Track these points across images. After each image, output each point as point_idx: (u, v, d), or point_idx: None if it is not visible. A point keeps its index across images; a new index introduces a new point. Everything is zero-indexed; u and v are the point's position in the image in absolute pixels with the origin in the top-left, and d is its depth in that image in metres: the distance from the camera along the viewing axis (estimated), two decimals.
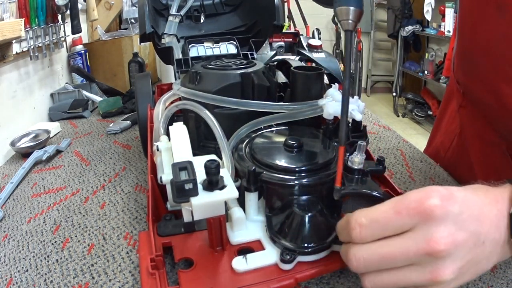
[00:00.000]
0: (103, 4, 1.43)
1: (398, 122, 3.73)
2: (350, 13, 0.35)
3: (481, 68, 0.53)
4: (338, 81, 0.74)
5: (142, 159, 0.74)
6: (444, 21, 3.06)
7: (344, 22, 0.36)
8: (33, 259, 0.48)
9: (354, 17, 0.36)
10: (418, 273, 0.31)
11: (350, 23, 0.36)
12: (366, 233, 0.32)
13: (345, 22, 0.36)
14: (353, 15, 0.36)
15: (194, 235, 0.43)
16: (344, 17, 0.36)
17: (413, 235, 0.31)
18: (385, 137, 0.83)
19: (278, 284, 0.36)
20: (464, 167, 0.64)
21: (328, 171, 0.42)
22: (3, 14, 0.84)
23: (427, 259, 0.30)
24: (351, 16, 0.36)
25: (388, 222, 0.32)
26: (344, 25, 0.36)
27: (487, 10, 0.48)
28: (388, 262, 0.32)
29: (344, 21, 0.36)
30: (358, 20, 0.36)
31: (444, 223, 0.30)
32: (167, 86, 0.74)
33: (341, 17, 0.36)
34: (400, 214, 0.31)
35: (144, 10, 0.65)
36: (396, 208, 0.31)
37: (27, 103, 0.97)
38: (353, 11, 0.35)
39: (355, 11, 0.35)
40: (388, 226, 0.32)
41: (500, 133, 0.55)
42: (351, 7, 0.35)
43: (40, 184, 0.68)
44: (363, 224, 0.32)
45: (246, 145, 0.48)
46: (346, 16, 0.36)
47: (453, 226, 0.30)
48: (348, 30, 0.36)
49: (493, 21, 0.47)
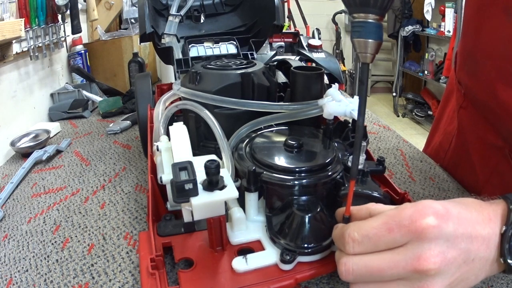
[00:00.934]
0: (103, 4, 1.43)
1: (398, 122, 3.73)
2: (369, 46, 0.32)
3: (484, 69, 0.53)
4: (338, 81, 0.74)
5: (142, 159, 0.74)
6: (444, 21, 3.05)
7: (362, 55, 0.33)
8: (33, 259, 0.48)
9: (373, 50, 0.33)
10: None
11: (369, 56, 0.33)
12: (358, 248, 0.33)
13: (363, 55, 0.33)
14: (371, 48, 0.33)
15: (194, 235, 0.43)
16: (362, 50, 0.33)
17: (404, 251, 0.31)
18: (385, 137, 0.83)
19: (278, 284, 0.36)
20: (465, 169, 0.64)
21: (328, 172, 0.42)
22: (3, 14, 0.84)
23: (416, 275, 0.30)
24: (370, 50, 0.33)
25: (380, 238, 0.32)
26: (361, 58, 0.33)
27: (493, 12, 0.48)
28: (377, 275, 0.32)
29: (362, 54, 0.33)
30: (376, 52, 0.33)
31: (435, 242, 0.30)
32: (167, 86, 0.74)
33: (359, 49, 0.33)
34: (392, 232, 0.31)
35: (144, 10, 0.65)
36: (389, 225, 0.31)
37: (27, 103, 0.97)
38: (372, 43, 0.32)
39: (374, 43, 0.32)
40: (379, 243, 0.32)
41: (502, 136, 0.55)
42: (369, 40, 0.32)
43: (40, 184, 0.68)
44: (356, 239, 0.33)
45: (246, 145, 0.48)
46: (364, 49, 0.33)
47: (445, 244, 0.30)
48: (365, 63, 0.34)
49: (499, 23, 0.47)
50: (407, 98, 3.82)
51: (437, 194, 0.60)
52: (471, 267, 0.32)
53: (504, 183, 0.56)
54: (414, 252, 0.30)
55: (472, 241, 0.31)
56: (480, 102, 0.58)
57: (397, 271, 0.31)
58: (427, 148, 0.79)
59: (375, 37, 0.32)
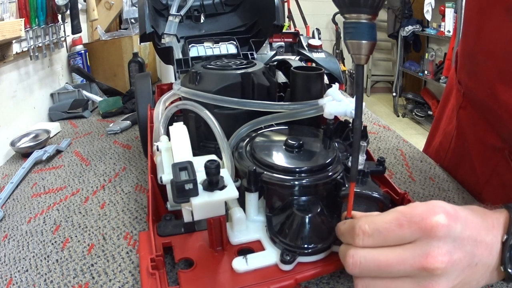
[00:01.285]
0: (103, 4, 1.43)
1: (398, 122, 3.73)
2: (363, 47, 0.32)
3: (484, 69, 0.53)
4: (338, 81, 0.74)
5: (142, 159, 0.74)
6: (444, 21, 3.05)
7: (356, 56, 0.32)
8: (33, 259, 0.48)
9: (367, 51, 0.32)
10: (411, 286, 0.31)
11: (363, 57, 0.32)
12: (368, 241, 0.33)
13: (357, 57, 0.32)
14: (365, 49, 0.32)
15: (194, 235, 0.43)
16: (356, 51, 0.32)
17: (412, 248, 0.31)
18: (385, 137, 0.83)
19: (278, 284, 0.36)
20: (465, 169, 0.64)
21: (329, 172, 0.42)
22: (3, 14, 0.84)
23: (422, 273, 0.31)
24: (364, 51, 0.32)
25: (390, 233, 0.32)
26: (355, 59, 0.33)
27: (494, 12, 0.48)
28: (384, 270, 0.32)
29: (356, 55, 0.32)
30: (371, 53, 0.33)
31: (444, 240, 0.30)
32: (167, 86, 0.74)
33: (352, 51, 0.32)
34: (403, 227, 0.31)
35: (144, 10, 0.65)
36: (400, 220, 0.32)
37: (27, 103, 0.97)
38: (365, 44, 0.32)
39: (367, 44, 0.32)
40: (389, 237, 0.32)
41: (502, 137, 0.55)
42: (363, 41, 0.32)
43: (40, 184, 0.68)
44: (366, 232, 0.33)
45: (247, 144, 0.48)
46: (358, 50, 0.32)
47: (452, 244, 0.31)
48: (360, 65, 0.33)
49: (500, 23, 0.47)
50: (407, 98, 3.82)
51: (437, 194, 0.60)
52: (474, 271, 0.32)
53: (504, 184, 0.56)
54: (422, 250, 0.30)
55: (477, 245, 0.32)
56: (480, 102, 0.58)
57: (404, 268, 0.31)
58: (427, 148, 0.79)
59: (369, 37, 0.31)
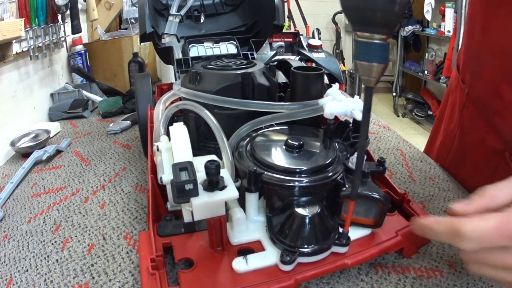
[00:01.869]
0: (103, 4, 1.43)
1: (398, 122, 3.72)
2: (374, 69, 0.30)
3: (489, 69, 0.52)
4: (338, 81, 0.74)
5: (142, 159, 0.74)
6: (444, 21, 3.05)
7: (365, 79, 0.31)
8: (33, 259, 0.48)
9: (377, 74, 0.30)
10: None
11: (372, 80, 0.30)
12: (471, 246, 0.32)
13: (366, 79, 0.30)
14: (376, 72, 0.30)
15: (194, 236, 0.43)
16: (366, 74, 0.30)
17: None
18: (385, 137, 0.83)
19: (278, 285, 0.36)
20: (467, 169, 0.64)
21: (329, 172, 0.42)
22: (3, 14, 0.84)
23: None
24: (374, 74, 0.30)
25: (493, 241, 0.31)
26: (364, 82, 0.31)
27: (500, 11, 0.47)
28: None
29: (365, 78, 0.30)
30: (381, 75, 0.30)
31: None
32: (167, 86, 0.74)
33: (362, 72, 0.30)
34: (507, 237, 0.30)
35: (144, 10, 0.65)
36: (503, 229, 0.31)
37: (27, 103, 0.97)
38: (376, 67, 0.30)
39: (379, 67, 0.30)
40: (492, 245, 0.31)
41: (503, 138, 0.55)
42: (374, 64, 0.29)
43: (40, 184, 0.68)
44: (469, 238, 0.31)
45: (247, 144, 0.48)
46: (368, 73, 0.30)
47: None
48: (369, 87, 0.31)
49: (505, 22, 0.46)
50: (407, 98, 3.82)
51: (437, 194, 0.60)
52: None
53: None
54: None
55: None
56: (483, 102, 0.58)
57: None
58: (429, 147, 0.79)
59: (381, 60, 0.29)
